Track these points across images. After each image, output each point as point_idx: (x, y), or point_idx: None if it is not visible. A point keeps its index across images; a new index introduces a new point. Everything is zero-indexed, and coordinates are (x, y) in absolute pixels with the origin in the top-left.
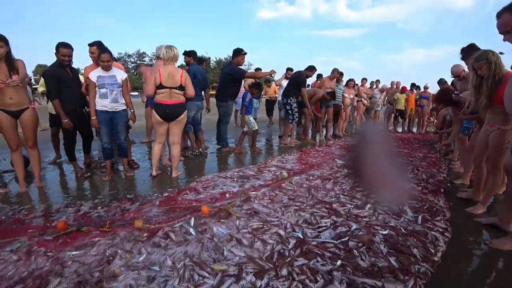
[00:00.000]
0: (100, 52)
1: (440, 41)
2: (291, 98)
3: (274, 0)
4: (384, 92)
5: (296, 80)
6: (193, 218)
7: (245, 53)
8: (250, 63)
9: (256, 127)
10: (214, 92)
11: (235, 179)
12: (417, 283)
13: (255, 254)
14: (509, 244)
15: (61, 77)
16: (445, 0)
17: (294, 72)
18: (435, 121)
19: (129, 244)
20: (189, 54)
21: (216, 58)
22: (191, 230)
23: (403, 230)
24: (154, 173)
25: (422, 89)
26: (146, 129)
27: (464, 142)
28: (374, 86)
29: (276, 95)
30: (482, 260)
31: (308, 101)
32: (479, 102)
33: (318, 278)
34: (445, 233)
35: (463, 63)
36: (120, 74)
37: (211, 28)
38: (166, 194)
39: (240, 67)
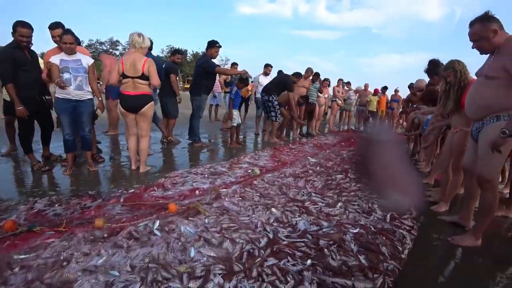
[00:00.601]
0: (62, 33)
1: (411, 48)
2: (272, 96)
3: None
4: (357, 94)
5: (283, 82)
6: (158, 218)
7: (219, 46)
8: (228, 58)
9: (237, 123)
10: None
11: (206, 175)
12: (385, 281)
13: (224, 255)
14: (468, 240)
15: (17, 59)
16: (417, 10)
17: (281, 74)
18: (404, 123)
19: (87, 245)
20: None
21: (193, 51)
22: (156, 230)
23: (373, 229)
24: (133, 167)
25: (393, 93)
26: (109, 121)
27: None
28: (346, 88)
29: (249, 93)
30: (444, 255)
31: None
32: (447, 106)
33: (289, 279)
34: (412, 231)
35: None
36: (86, 59)
37: (189, 20)
38: (132, 190)
39: (214, 60)
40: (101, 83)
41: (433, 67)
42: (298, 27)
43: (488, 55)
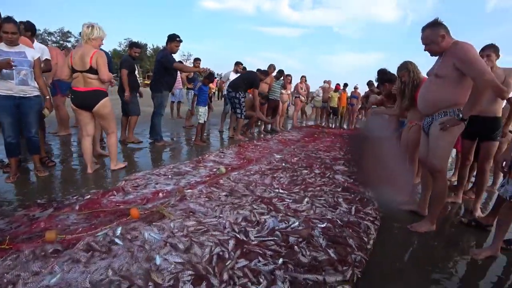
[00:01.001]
0: (2, 22)
1: (369, 48)
2: (240, 92)
3: None
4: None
5: (250, 80)
6: (119, 225)
7: (180, 40)
8: (190, 53)
9: (203, 120)
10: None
11: (170, 176)
12: (354, 272)
13: (193, 260)
14: (425, 226)
15: None
16: (375, 12)
17: (248, 71)
18: (364, 118)
19: (37, 263)
20: None
21: (153, 46)
22: (117, 239)
23: (339, 222)
24: (89, 171)
25: (353, 89)
26: (58, 121)
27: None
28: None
29: (213, 90)
30: (405, 242)
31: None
32: (402, 104)
33: (261, 280)
34: (375, 221)
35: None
36: (31, 52)
37: (150, 13)
38: (88, 196)
39: (176, 55)
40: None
41: (382, 76)
42: (261, 24)
43: (438, 57)
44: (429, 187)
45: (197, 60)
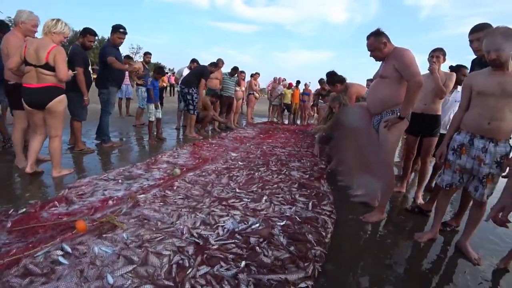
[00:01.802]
0: None
1: (319, 46)
2: (193, 88)
3: None
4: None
5: (199, 72)
6: (63, 241)
7: (124, 32)
8: (140, 46)
9: (153, 118)
10: (95, 77)
11: (120, 180)
12: (315, 267)
13: (150, 272)
14: (375, 216)
15: None
16: (326, 12)
17: (199, 65)
18: (315, 114)
19: None
20: None
21: (99, 37)
22: (61, 258)
23: (298, 219)
24: (28, 170)
25: (304, 87)
26: None
27: None
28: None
29: (164, 84)
30: (360, 232)
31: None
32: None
33: (224, 286)
34: (331, 215)
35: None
36: None
37: (96, 2)
38: (24, 210)
39: (124, 49)
40: None
41: (333, 77)
42: (215, 19)
43: (381, 61)
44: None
45: (147, 54)
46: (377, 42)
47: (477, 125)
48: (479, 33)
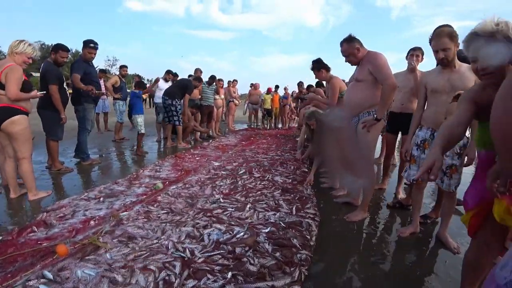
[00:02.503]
0: None
1: (296, 49)
2: (176, 100)
3: None
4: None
5: (184, 86)
6: (44, 268)
7: (94, 47)
8: (116, 58)
9: (143, 130)
10: (71, 92)
11: (101, 199)
12: (301, 271)
13: None
14: (359, 215)
15: None
16: (300, 16)
17: (182, 78)
18: (296, 118)
19: None
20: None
21: (72, 50)
22: (42, 286)
23: (282, 224)
24: (12, 195)
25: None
26: None
27: None
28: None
29: (144, 96)
30: (344, 232)
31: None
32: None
33: None
34: (315, 218)
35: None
36: None
37: (68, 14)
38: (0, 238)
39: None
40: None
41: (317, 64)
42: (191, 27)
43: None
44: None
45: (123, 67)
46: (350, 48)
47: (435, 120)
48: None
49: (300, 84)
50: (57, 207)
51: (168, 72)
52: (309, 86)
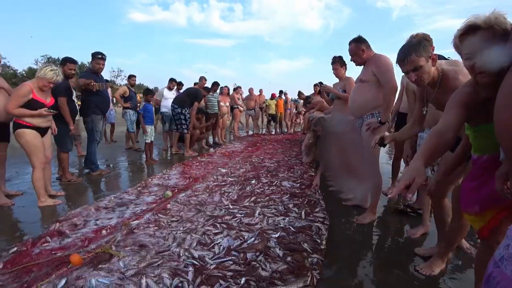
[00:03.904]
0: None
1: (298, 54)
2: (185, 108)
3: (147, 2)
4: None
5: (194, 95)
6: (59, 278)
7: (102, 58)
8: (120, 69)
9: (149, 140)
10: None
11: (112, 208)
12: (313, 275)
13: None
14: (368, 218)
15: None
16: (300, 21)
17: (190, 87)
18: (301, 122)
19: None
20: None
21: (78, 63)
22: None
23: (292, 229)
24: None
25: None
26: None
27: None
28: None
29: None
30: (354, 235)
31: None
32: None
33: None
34: (325, 221)
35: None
36: None
37: (73, 27)
38: (15, 249)
39: (100, 74)
40: None
41: (341, 60)
42: (194, 36)
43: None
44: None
45: (132, 77)
46: (357, 48)
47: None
48: None
49: (300, 93)
50: (69, 217)
51: (171, 80)
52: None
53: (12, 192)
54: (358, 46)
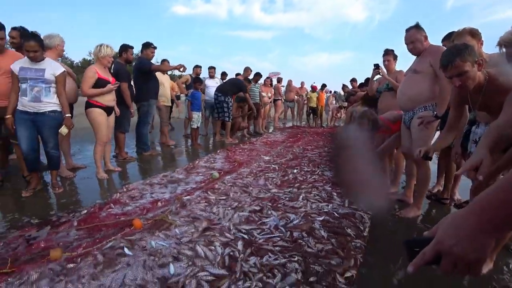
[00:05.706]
0: (24, 40)
1: (340, 47)
2: (228, 97)
3: None
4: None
5: (238, 86)
6: (124, 237)
7: (154, 47)
8: (163, 59)
9: (195, 126)
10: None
11: (164, 184)
12: (357, 257)
13: (205, 262)
14: (412, 212)
15: None
16: (344, 13)
17: (233, 78)
18: (343, 116)
19: (46, 282)
20: None
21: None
22: (126, 249)
23: (336, 214)
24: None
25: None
26: None
27: None
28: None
29: (176, 93)
30: (397, 227)
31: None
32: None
33: (275, 273)
34: (368, 211)
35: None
36: (52, 69)
37: (120, 21)
38: (85, 211)
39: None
40: None
41: (394, 53)
42: (234, 28)
43: (416, 57)
44: (414, 176)
45: (197, 67)
46: (418, 34)
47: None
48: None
49: (344, 86)
50: (128, 189)
51: (211, 67)
52: (361, 85)
53: (77, 165)
54: (420, 32)
